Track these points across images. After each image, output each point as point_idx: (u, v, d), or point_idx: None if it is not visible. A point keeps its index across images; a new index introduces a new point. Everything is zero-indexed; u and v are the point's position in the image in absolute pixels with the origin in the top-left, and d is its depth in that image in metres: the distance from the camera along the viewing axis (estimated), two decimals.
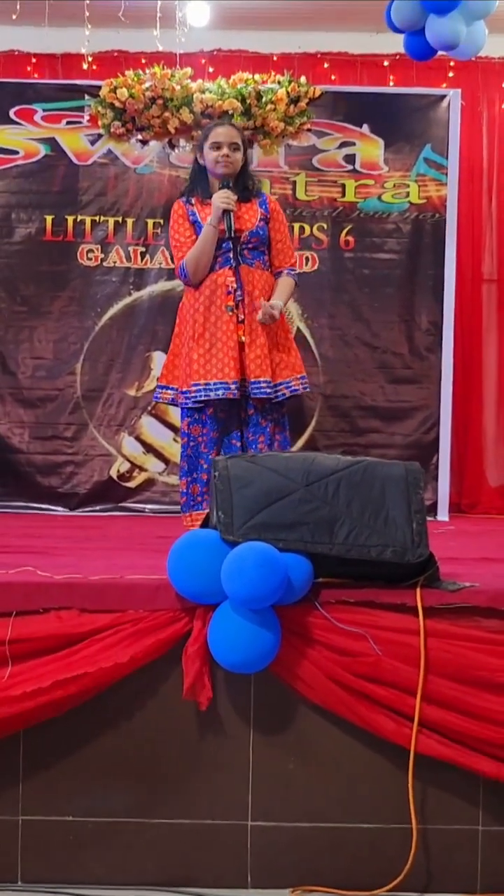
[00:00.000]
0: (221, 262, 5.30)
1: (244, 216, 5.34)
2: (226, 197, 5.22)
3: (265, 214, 5.40)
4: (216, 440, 5.30)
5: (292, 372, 5.38)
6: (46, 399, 7.58)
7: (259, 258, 5.37)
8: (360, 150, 7.60)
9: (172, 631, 3.74)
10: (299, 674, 3.71)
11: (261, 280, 5.33)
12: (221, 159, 5.28)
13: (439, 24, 5.90)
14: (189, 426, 5.36)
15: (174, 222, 5.44)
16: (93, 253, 7.55)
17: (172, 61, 7.45)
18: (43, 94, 7.58)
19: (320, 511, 3.75)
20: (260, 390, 5.22)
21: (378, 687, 3.67)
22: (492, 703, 3.64)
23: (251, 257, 5.34)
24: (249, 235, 5.32)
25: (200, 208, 5.35)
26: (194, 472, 5.32)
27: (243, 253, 5.32)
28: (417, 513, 3.81)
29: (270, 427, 5.33)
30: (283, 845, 3.76)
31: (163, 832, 3.77)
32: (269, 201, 5.48)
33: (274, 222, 5.43)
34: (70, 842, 3.77)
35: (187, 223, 5.38)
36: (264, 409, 5.32)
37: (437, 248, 7.62)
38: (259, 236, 5.35)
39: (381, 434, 7.64)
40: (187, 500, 5.37)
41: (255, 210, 5.39)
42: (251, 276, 5.30)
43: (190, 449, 5.35)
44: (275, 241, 5.44)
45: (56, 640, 3.73)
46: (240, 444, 5.29)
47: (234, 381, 5.17)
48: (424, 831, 3.72)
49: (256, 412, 5.31)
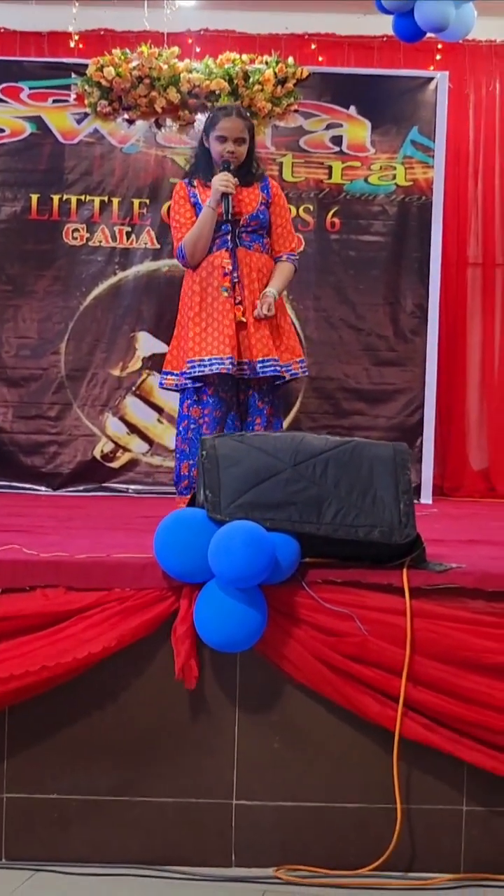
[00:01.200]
0: (219, 244, 5.29)
1: (245, 199, 5.33)
2: (225, 180, 5.20)
3: (266, 198, 5.38)
4: (219, 419, 5.27)
5: (292, 355, 5.39)
6: (30, 378, 7.56)
7: (258, 241, 5.35)
8: (347, 131, 7.59)
9: (159, 610, 3.73)
10: (285, 653, 3.71)
11: (258, 263, 5.32)
12: (226, 154, 5.27)
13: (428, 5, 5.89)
14: (189, 408, 5.34)
15: (175, 203, 5.42)
16: (78, 232, 7.52)
17: (160, 40, 7.43)
18: (29, 72, 7.54)
19: (308, 491, 3.75)
20: (269, 368, 5.20)
21: (364, 667, 3.68)
22: (477, 685, 3.65)
23: (250, 240, 5.32)
24: (249, 219, 5.31)
25: (202, 190, 5.32)
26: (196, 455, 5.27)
27: (242, 236, 5.30)
28: (405, 493, 3.81)
29: (268, 410, 5.33)
30: (267, 824, 3.77)
31: (147, 810, 3.77)
32: (271, 185, 5.46)
33: (275, 206, 5.42)
34: (55, 819, 3.77)
35: (188, 204, 5.36)
36: (262, 391, 5.32)
37: (422, 230, 7.62)
38: (259, 220, 5.34)
39: (365, 416, 7.65)
40: (188, 483, 5.32)
41: (256, 194, 5.37)
42: (248, 259, 5.29)
43: (190, 431, 5.32)
44: (275, 226, 5.42)
45: (42, 618, 3.73)
46: (239, 424, 5.28)
47: (230, 356, 5.16)
48: (409, 811, 3.73)
49: (255, 394, 5.31)
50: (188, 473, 5.34)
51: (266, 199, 5.39)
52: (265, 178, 5.50)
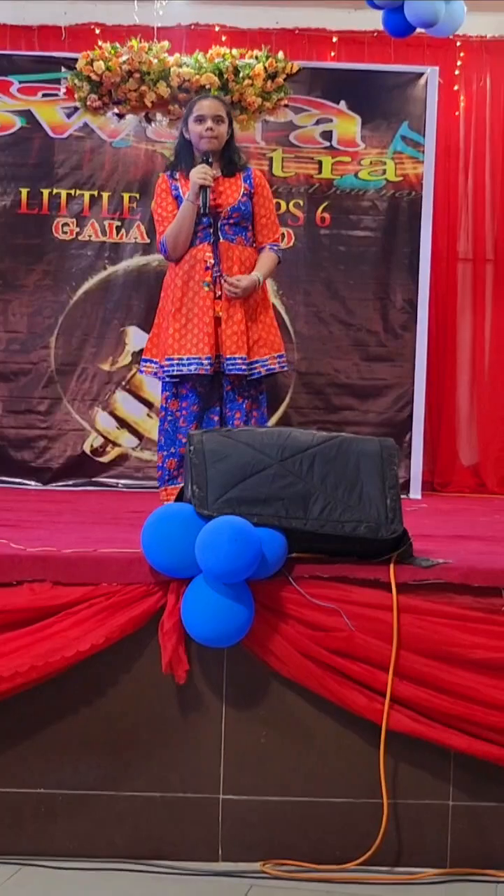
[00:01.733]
0: (201, 238, 5.29)
1: (226, 191, 5.32)
2: (203, 172, 5.20)
3: (249, 189, 5.37)
4: (196, 414, 5.31)
5: (270, 350, 5.38)
6: (20, 373, 7.55)
7: (241, 234, 5.35)
8: (337, 126, 7.59)
9: (146, 605, 3.73)
10: (272, 648, 3.71)
11: (241, 256, 5.33)
12: (206, 133, 5.26)
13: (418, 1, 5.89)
14: (167, 401, 5.37)
15: (157, 196, 5.42)
16: (68, 226, 7.52)
17: (150, 35, 7.42)
18: (19, 65, 7.52)
19: (295, 486, 3.75)
20: (235, 367, 5.22)
21: (351, 662, 3.68)
22: (464, 680, 3.65)
23: (232, 233, 5.33)
24: (231, 211, 5.30)
25: (184, 183, 5.31)
26: (172, 446, 5.32)
27: (224, 228, 5.31)
28: (391, 489, 3.82)
29: (247, 404, 5.34)
30: (254, 819, 3.77)
31: (134, 805, 3.78)
32: (254, 175, 5.44)
33: (258, 197, 5.41)
34: (41, 814, 3.77)
35: (170, 198, 5.35)
36: (241, 385, 5.33)
37: (412, 226, 7.61)
38: (241, 212, 5.33)
39: (355, 411, 7.65)
40: (163, 474, 5.38)
41: (238, 185, 5.36)
42: (230, 252, 5.29)
43: (167, 423, 5.35)
44: (258, 217, 5.41)
45: (29, 613, 3.73)
46: (218, 418, 5.30)
47: (208, 356, 5.18)
48: (395, 806, 3.73)
49: (233, 388, 5.32)
50: (163, 464, 5.37)
51: (248, 190, 5.37)
52: (248, 169, 5.49)
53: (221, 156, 5.36)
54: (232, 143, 5.44)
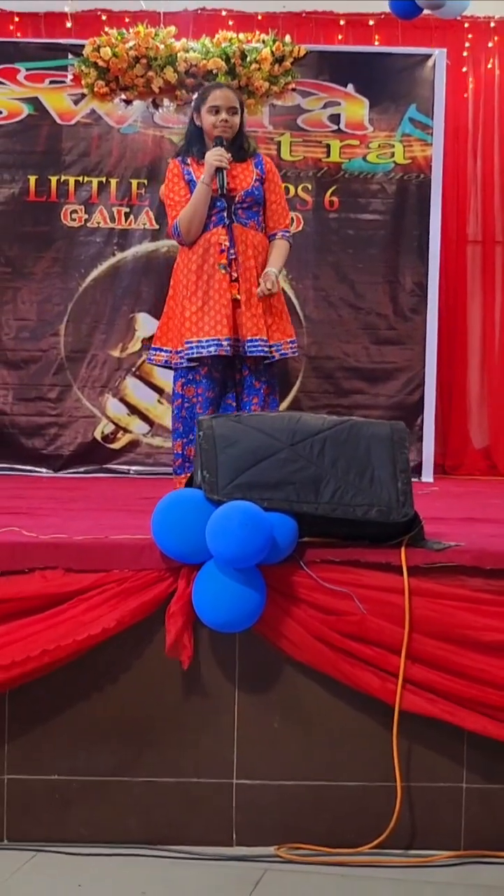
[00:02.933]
0: (215, 221, 5.29)
1: (239, 176, 5.33)
2: (219, 155, 5.20)
3: (260, 175, 5.38)
4: (212, 400, 5.29)
5: (283, 335, 5.38)
6: (30, 360, 7.56)
7: (254, 218, 5.35)
8: (344, 109, 7.57)
9: (158, 590, 3.73)
10: (284, 633, 3.71)
11: (254, 240, 5.33)
12: (220, 124, 5.27)
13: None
14: (183, 387, 5.35)
15: (169, 181, 5.41)
16: (76, 213, 7.51)
17: (156, 20, 7.42)
18: (26, 53, 7.52)
19: (306, 470, 3.75)
20: (256, 348, 5.22)
21: (363, 645, 3.68)
22: (476, 662, 3.65)
23: (245, 217, 5.32)
24: (244, 195, 5.31)
25: (196, 168, 5.32)
26: (190, 433, 5.27)
27: (237, 212, 5.30)
28: (402, 472, 3.81)
29: (265, 389, 5.34)
30: (267, 803, 3.78)
31: (148, 790, 3.78)
32: (264, 162, 5.46)
33: (269, 183, 5.41)
34: (56, 800, 3.78)
35: (182, 182, 5.35)
36: (258, 370, 5.32)
37: (421, 208, 7.59)
38: (254, 196, 5.33)
39: (366, 395, 7.64)
40: (182, 461, 5.34)
41: (250, 170, 5.37)
42: (245, 236, 5.29)
43: (184, 410, 5.33)
44: (269, 203, 5.42)
45: (41, 600, 3.73)
46: (235, 403, 5.29)
47: (227, 337, 5.17)
48: (409, 789, 3.74)
49: (251, 373, 5.32)
50: (182, 452, 5.35)
51: (260, 176, 5.38)
52: (258, 155, 5.50)
53: (232, 142, 5.35)
54: (242, 130, 5.44)
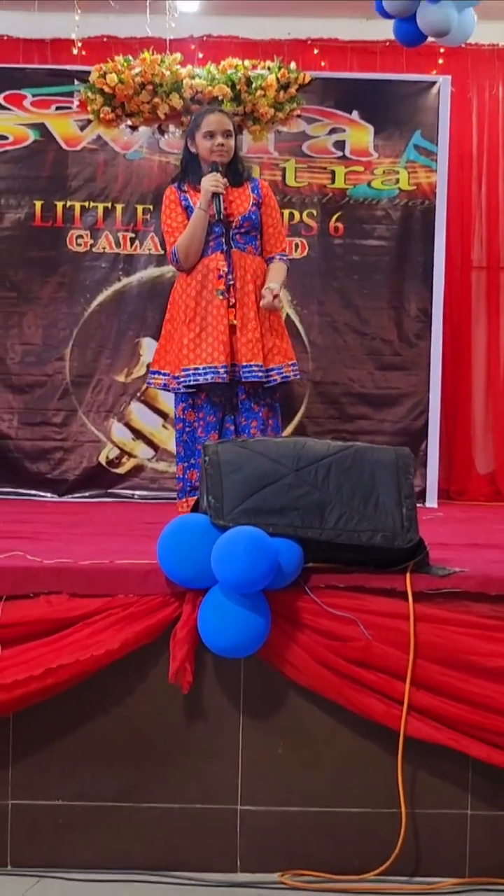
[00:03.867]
0: (213, 247, 5.30)
1: (236, 200, 5.35)
2: (215, 180, 5.22)
3: (257, 199, 5.40)
4: (213, 424, 5.31)
5: (284, 358, 5.38)
6: (35, 385, 7.57)
7: (251, 243, 5.37)
8: (349, 136, 7.59)
9: (162, 615, 3.73)
10: (289, 658, 3.71)
11: (253, 265, 5.35)
12: (216, 148, 5.29)
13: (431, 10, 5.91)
14: (184, 411, 5.36)
15: (166, 207, 5.43)
16: (82, 238, 7.54)
17: (162, 47, 7.44)
18: (32, 79, 7.55)
19: (310, 496, 3.75)
20: (251, 374, 5.22)
21: (368, 671, 3.68)
22: (481, 688, 3.65)
23: (243, 242, 5.34)
24: (241, 220, 5.33)
25: (193, 194, 5.35)
26: (192, 457, 5.30)
27: (235, 237, 5.32)
28: (407, 498, 3.82)
29: (263, 412, 5.34)
30: (272, 829, 3.77)
31: (152, 816, 3.78)
32: (261, 186, 5.48)
33: (266, 207, 5.44)
34: (59, 826, 3.77)
35: (179, 208, 5.37)
36: (256, 394, 5.33)
37: (426, 234, 7.61)
38: (251, 221, 5.35)
39: (371, 421, 7.65)
40: (184, 485, 5.36)
41: (247, 195, 5.40)
42: (243, 261, 5.31)
43: (186, 434, 5.35)
44: (266, 227, 5.44)
45: (46, 625, 3.74)
46: (233, 427, 5.30)
47: (224, 365, 5.18)
48: (413, 815, 3.73)
49: (248, 397, 5.32)
50: (183, 476, 5.37)
51: (257, 200, 5.41)
52: (254, 179, 5.54)
53: (228, 167, 5.38)
54: (237, 154, 5.48)
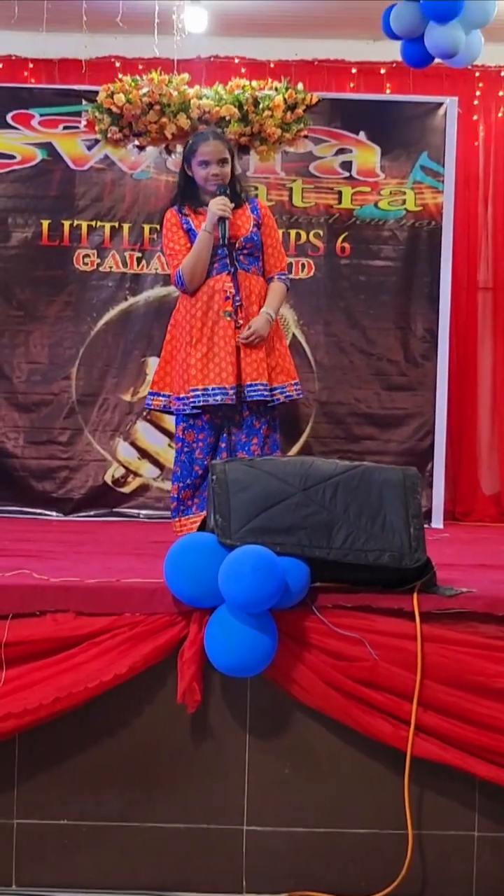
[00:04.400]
0: (218, 268, 5.32)
1: (237, 222, 5.37)
2: (223, 204, 5.24)
3: (257, 220, 5.43)
4: (212, 445, 5.32)
5: (287, 377, 5.41)
6: (41, 404, 7.56)
7: (254, 264, 5.40)
8: (356, 157, 7.59)
9: (169, 635, 3.74)
10: (296, 678, 3.71)
11: (257, 285, 5.37)
12: (212, 178, 5.32)
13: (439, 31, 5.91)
14: (184, 431, 5.37)
15: (168, 231, 5.45)
16: (89, 258, 7.54)
17: (170, 67, 7.45)
18: (40, 98, 7.56)
19: (318, 515, 3.75)
20: (257, 393, 5.23)
21: (375, 692, 3.68)
22: (489, 709, 3.65)
23: (247, 262, 5.36)
24: (244, 241, 5.35)
25: (194, 216, 5.37)
26: (188, 477, 5.33)
27: (239, 258, 5.34)
28: (415, 518, 3.82)
29: (264, 429, 5.35)
30: (278, 850, 3.76)
31: (158, 836, 3.77)
32: (259, 206, 5.52)
33: (265, 227, 5.47)
34: (65, 845, 3.77)
35: (181, 231, 5.39)
36: (259, 411, 5.34)
37: (433, 255, 7.60)
38: (253, 242, 5.38)
39: (376, 441, 7.63)
40: (177, 505, 5.38)
41: (247, 215, 5.43)
42: (248, 282, 5.33)
43: (184, 455, 5.36)
44: (266, 246, 5.47)
45: (52, 644, 3.74)
46: (226, 446, 5.31)
47: (233, 386, 5.20)
48: (420, 837, 3.72)
49: (251, 414, 5.33)
50: (177, 495, 5.38)
51: (257, 221, 5.43)
52: (253, 200, 5.57)
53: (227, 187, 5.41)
54: (235, 175, 5.51)
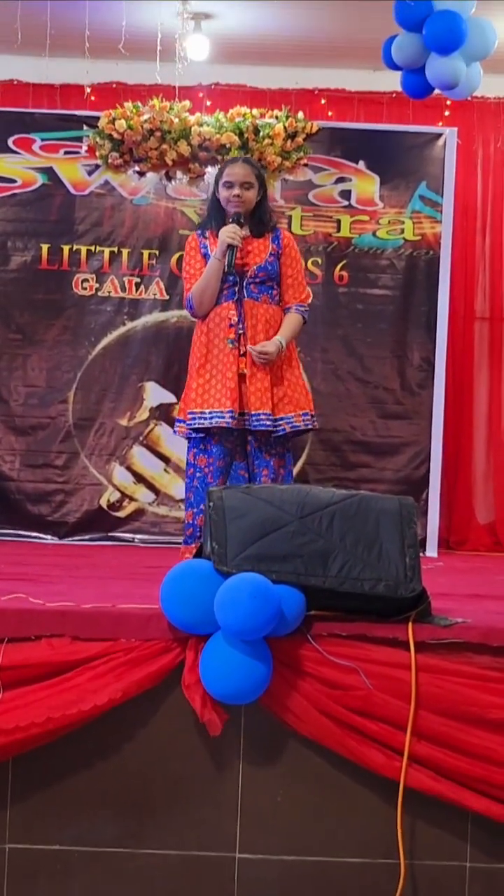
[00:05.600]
0: (226, 296, 5.35)
1: (254, 251, 5.39)
2: (232, 232, 5.27)
3: (277, 249, 5.45)
4: (222, 469, 5.34)
5: (295, 408, 5.39)
6: (38, 427, 7.57)
7: (266, 293, 5.40)
8: (355, 185, 7.63)
9: (165, 661, 3.73)
10: (290, 706, 3.71)
11: (266, 314, 5.37)
12: (233, 199, 5.35)
13: (440, 63, 5.94)
14: (195, 457, 5.39)
15: (186, 254, 5.51)
16: (88, 282, 7.56)
17: (171, 94, 7.50)
18: (42, 123, 7.59)
19: (314, 544, 3.76)
20: (260, 423, 5.25)
21: (369, 721, 3.67)
22: (482, 740, 3.65)
23: (258, 292, 5.38)
24: (257, 270, 5.37)
25: (213, 241, 5.39)
26: (201, 503, 5.29)
27: (249, 287, 5.36)
28: (410, 547, 3.83)
29: (275, 461, 5.36)
30: (270, 878, 3.75)
31: (150, 862, 3.76)
32: (283, 236, 5.53)
33: (286, 258, 5.48)
34: (57, 870, 3.76)
35: (199, 255, 5.43)
36: (267, 443, 5.35)
37: (430, 284, 7.63)
38: (267, 271, 5.39)
39: (372, 469, 7.64)
40: (193, 531, 5.35)
41: (266, 245, 5.44)
42: (255, 310, 5.34)
43: (196, 480, 5.37)
44: (285, 277, 5.48)
45: (48, 668, 3.73)
46: (246, 474, 5.32)
47: (230, 410, 5.21)
48: (412, 866, 3.71)
49: (260, 445, 5.35)
50: (192, 522, 5.38)
51: (276, 251, 5.44)
52: (277, 230, 5.56)
53: (251, 216, 5.42)
54: (264, 204, 5.52)
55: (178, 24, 7.57)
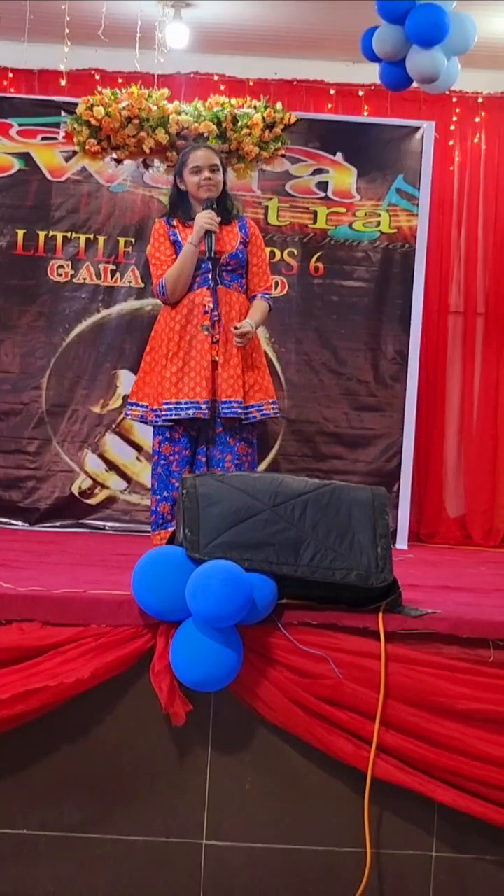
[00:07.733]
0: (200, 283, 5.36)
1: (224, 238, 5.41)
2: (209, 218, 5.28)
3: (244, 238, 5.47)
4: (188, 458, 5.35)
5: (265, 395, 5.43)
6: (10, 413, 7.54)
7: (237, 281, 5.44)
8: (332, 177, 7.62)
9: (135, 647, 3.74)
10: (259, 694, 3.72)
11: (238, 302, 5.41)
12: (204, 183, 5.35)
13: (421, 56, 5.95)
14: (161, 444, 5.40)
15: (154, 240, 5.48)
16: (63, 269, 7.53)
17: (150, 82, 7.49)
18: (19, 108, 7.55)
19: (286, 532, 3.77)
20: (231, 410, 5.26)
21: (337, 710, 3.69)
22: (450, 730, 3.66)
23: (229, 279, 5.40)
24: (229, 258, 5.39)
25: (182, 229, 5.40)
26: (165, 490, 5.35)
27: (222, 274, 5.38)
28: (382, 538, 3.84)
29: (240, 447, 5.37)
30: (237, 865, 3.76)
31: (116, 849, 3.77)
32: (248, 225, 5.56)
33: (252, 246, 5.50)
34: (23, 855, 3.76)
35: (168, 242, 5.43)
36: (234, 428, 5.36)
37: (405, 278, 7.63)
38: (238, 259, 5.42)
39: (344, 461, 7.65)
40: (156, 518, 5.40)
41: (235, 233, 5.46)
42: (228, 298, 5.37)
43: (161, 468, 5.39)
44: (251, 265, 5.50)
45: (18, 652, 3.73)
46: (205, 459, 5.33)
47: (206, 400, 5.23)
48: (378, 855, 3.73)
49: (225, 431, 5.36)
50: (156, 508, 5.39)
51: (244, 239, 5.48)
52: (242, 218, 5.61)
53: (217, 203, 5.42)
54: (226, 192, 5.54)
55: (159, 12, 7.56)
